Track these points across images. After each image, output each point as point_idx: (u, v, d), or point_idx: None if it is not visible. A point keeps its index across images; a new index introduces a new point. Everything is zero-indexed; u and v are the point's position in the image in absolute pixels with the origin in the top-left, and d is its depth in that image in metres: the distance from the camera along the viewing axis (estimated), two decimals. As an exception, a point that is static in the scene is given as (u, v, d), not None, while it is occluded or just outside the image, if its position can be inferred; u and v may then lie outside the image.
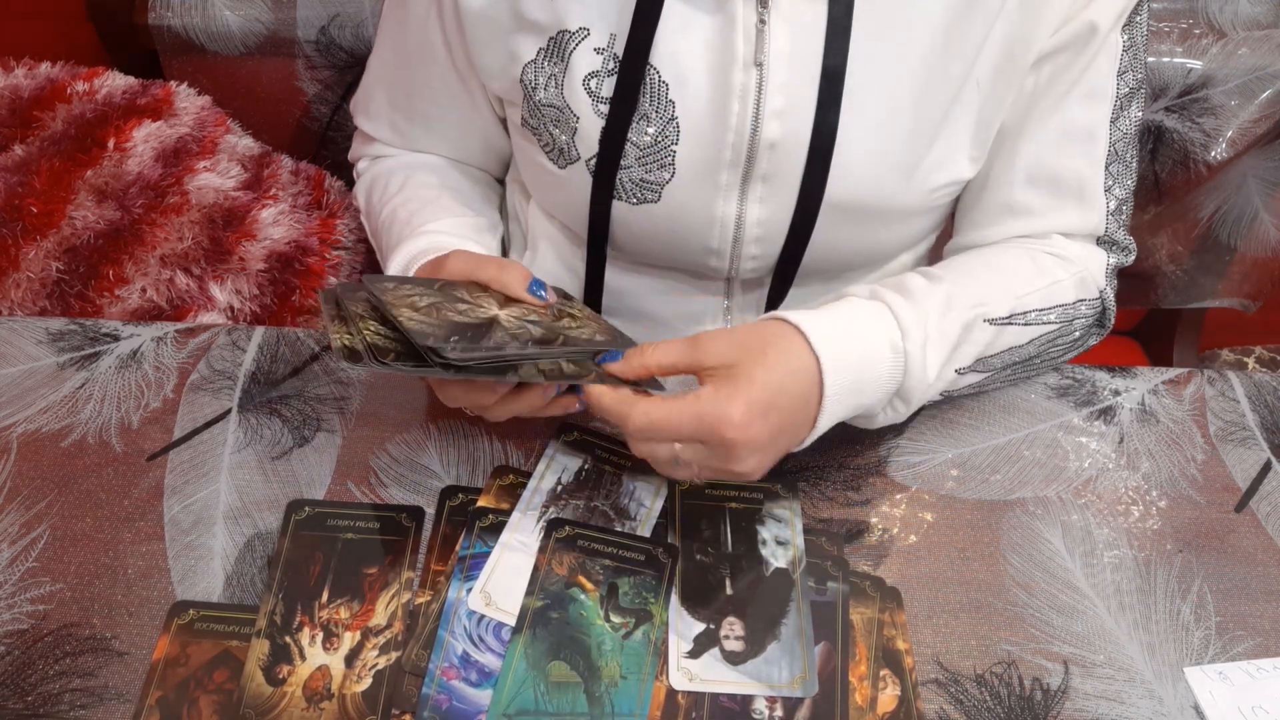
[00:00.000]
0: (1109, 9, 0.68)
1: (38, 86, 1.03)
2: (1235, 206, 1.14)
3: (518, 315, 0.63)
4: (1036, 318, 0.71)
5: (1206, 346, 1.32)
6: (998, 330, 0.69)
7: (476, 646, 0.59)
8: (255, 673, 0.58)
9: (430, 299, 0.61)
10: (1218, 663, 0.61)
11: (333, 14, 1.07)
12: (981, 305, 0.68)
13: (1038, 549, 0.67)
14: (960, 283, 0.69)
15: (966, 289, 0.69)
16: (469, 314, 0.61)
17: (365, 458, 0.70)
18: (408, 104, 0.83)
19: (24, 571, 0.62)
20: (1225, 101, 1.05)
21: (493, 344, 0.58)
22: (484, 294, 0.64)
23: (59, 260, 0.95)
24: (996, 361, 0.70)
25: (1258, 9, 1.05)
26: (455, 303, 0.61)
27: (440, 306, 0.60)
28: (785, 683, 0.58)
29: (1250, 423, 0.76)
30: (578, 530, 0.64)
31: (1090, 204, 0.74)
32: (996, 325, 0.68)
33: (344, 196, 1.11)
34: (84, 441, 0.70)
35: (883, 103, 0.68)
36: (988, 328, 0.68)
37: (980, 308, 0.68)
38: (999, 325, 0.69)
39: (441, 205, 0.80)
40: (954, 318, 0.66)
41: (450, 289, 0.63)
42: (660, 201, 0.72)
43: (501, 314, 0.62)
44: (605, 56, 0.68)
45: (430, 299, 0.61)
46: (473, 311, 0.61)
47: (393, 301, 0.59)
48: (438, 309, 0.60)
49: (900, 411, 0.67)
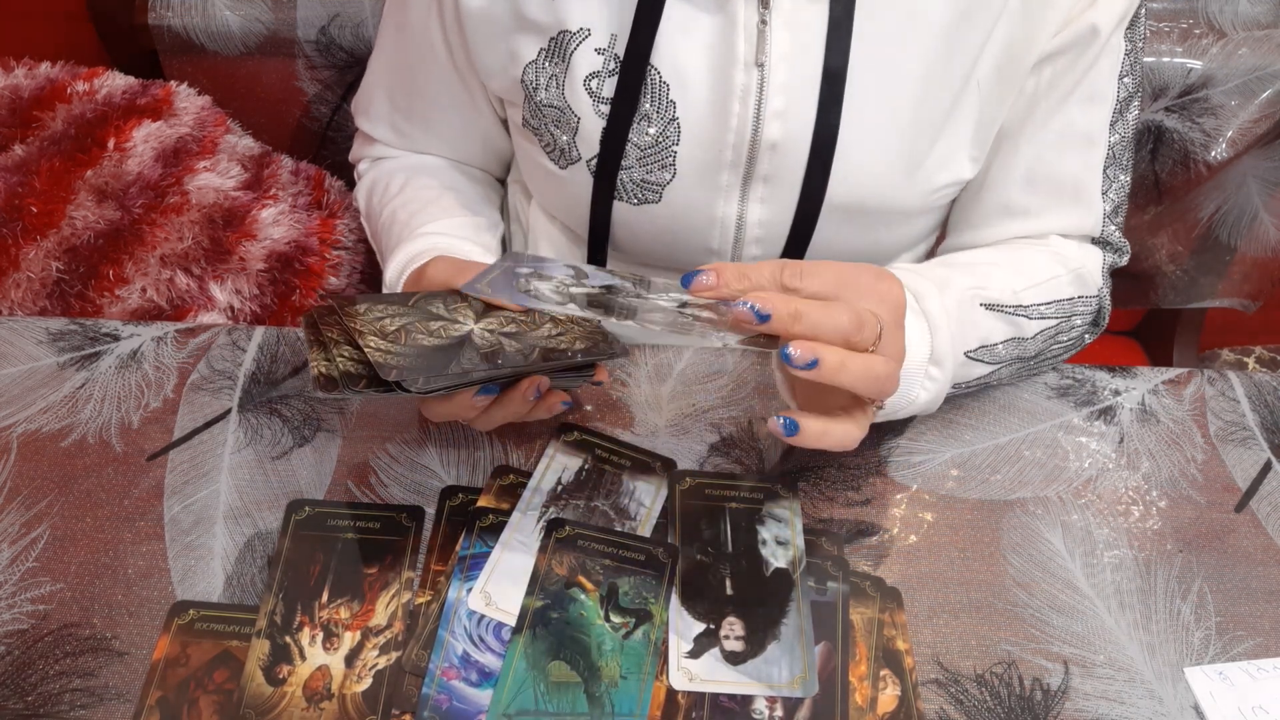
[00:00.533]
0: (1111, 12, 0.68)
1: (38, 86, 1.03)
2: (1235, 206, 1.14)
3: (494, 328, 0.61)
4: (1035, 311, 0.71)
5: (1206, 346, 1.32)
6: (997, 316, 0.68)
7: (476, 646, 0.59)
8: (255, 673, 0.58)
9: (401, 320, 0.60)
10: (1218, 663, 0.61)
11: (333, 14, 1.07)
12: (980, 288, 0.68)
13: (1038, 549, 0.67)
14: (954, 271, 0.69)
15: (962, 275, 0.68)
16: (441, 333, 0.60)
17: (365, 458, 0.70)
18: (408, 105, 0.83)
19: (24, 571, 0.62)
20: (1225, 101, 1.05)
21: (460, 369, 0.57)
22: (463, 304, 0.63)
23: (59, 260, 0.95)
24: (1003, 352, 0.69)
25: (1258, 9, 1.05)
26: (429, 320, 0.60)
27: (410, 329, 0.59)
28: (785, 683, 0.58)
29: (1250, 423, 0.76)
30: (578, 530, 0.64)
31: (1087, 206, 0.74)
32: (995, 311, 0.68)
33: (344, 196, 1.11)
34: (84, 441, 0.70)
35: (884, 103, 0.68)
36: (986, 312, 0.68)
37: (979, 290, 0.68)
38: (997, 311, 0.68)
39: (441, 206, 0.80)
40: (952, 295, 0.66)
41: (427, 303, 0.62)
42: (661, 202, 0.72)
43: (476, 328, 0.61)
44: (606, 57, 0.68)
45: (401, 320, 0.60)
46: (445, 330, 0.60)
47: (360, 329, 0.59)
48: (407, 332, 0.59)
49: (937, 379, 0.64)
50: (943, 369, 0.64)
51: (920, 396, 0.65)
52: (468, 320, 0.62)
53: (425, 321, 0.61)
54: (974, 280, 0.68)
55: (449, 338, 0.60)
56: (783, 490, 0.68)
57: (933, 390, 0.65)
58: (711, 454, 0.71)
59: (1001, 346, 0.69)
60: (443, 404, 0.61)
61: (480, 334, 0.61)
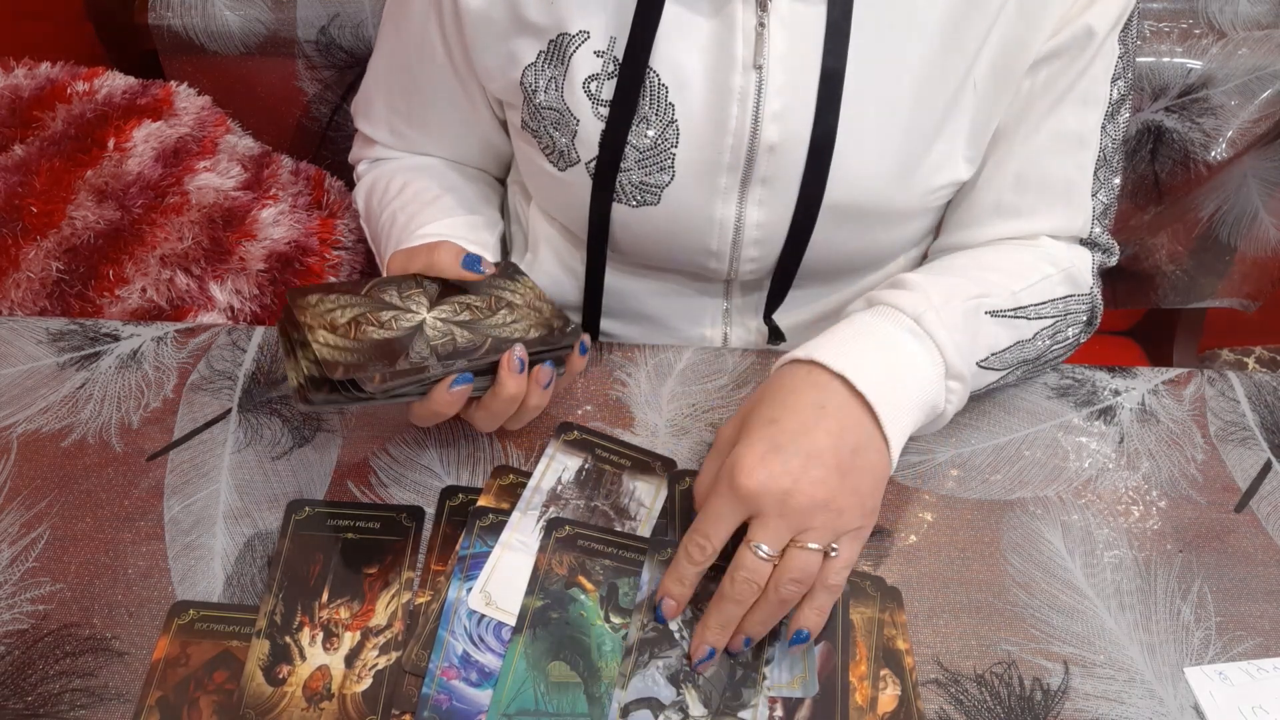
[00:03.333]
0: (1106, 14, 0.68)
1: (38, 86, 1.03)
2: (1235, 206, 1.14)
3: (445, 316, 0.61)
4: (1033, 312, 0.71)
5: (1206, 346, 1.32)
6: (1001, 323, 0.69)
7: (476, 646, 0.59)
8: (255, 673, 0.58)
9: (353, 311, 0.59)
10: (1218, 663, 0.61)
11: (333, 14, 1.07)
12: (983, 296, 0.68)
13: (1038, 549, 0.67)
14: (955, 279, 0.69)
15: (962, 283, 0.69)
16: (392, 324, 0.59)
17: (365, 458, 0.70)
18: (406, 106, 0.83)
19: (24, 571, 0.62)
20: (1225, 101, 1.05)
21: (409, 365, 0.57)
22: (417, 290, 0.62)
23: (59, 260, 0.95)
24: (1009, 357, 0.70)
25: (1258, 9, 1.05)
26: (380, 310, 0.60)
27: (361, 321, 0.58)
28: (785, 683, 0.58)
29: (1250, 423, 0.76)
30: (578, 530, 0.64)
31: (1077, 207, 0.74)
32: (999, 317, 0.68)
33: (344, 196, 1.11)
34: (84, 441, 0.70)
35: (882, 105, 0.68)
36: (990, 320, 0.68)
37: (981, 299, 0.68)
38: (1001, 318, 0.69)
39: (440, 207, 0.80)
40: (956, 306, 0.66)
41: (380, 290, 0.61)
42: (660, 204, 0.72)
43: (428, 317, 0.60)
44: (605, 59, 0.68)
45: (353, 311, 0.59)
46: (397, 320, 0.59)
47: (310, 322, 0.57)
48: (357, 325, 0.58)
49: (957, 391, 0.65)
50: (962, 381, 0.65)
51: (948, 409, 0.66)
52: (420, 309, 0.61)
53: (376, 312, 0.59)
54: (977, 289, 0.68)
55: (400, 329, 0.58)
56: (782, 490, 0.68)
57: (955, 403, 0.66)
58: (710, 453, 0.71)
59: (1008, 352, 0.69)
60: (422, 405, 0.60)
61: (432, 323, 0.60)
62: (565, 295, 0.85)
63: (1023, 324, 0.70)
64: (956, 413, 0.68)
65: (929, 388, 0.63)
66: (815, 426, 0.58)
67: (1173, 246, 1.19)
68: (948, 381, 0.64)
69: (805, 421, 0.58)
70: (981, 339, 0.67)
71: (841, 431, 0.58)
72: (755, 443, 0.57)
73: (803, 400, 0.59)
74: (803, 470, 0.56)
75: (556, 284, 0.84)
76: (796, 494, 0.55)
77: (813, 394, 0.59)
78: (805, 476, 0.56)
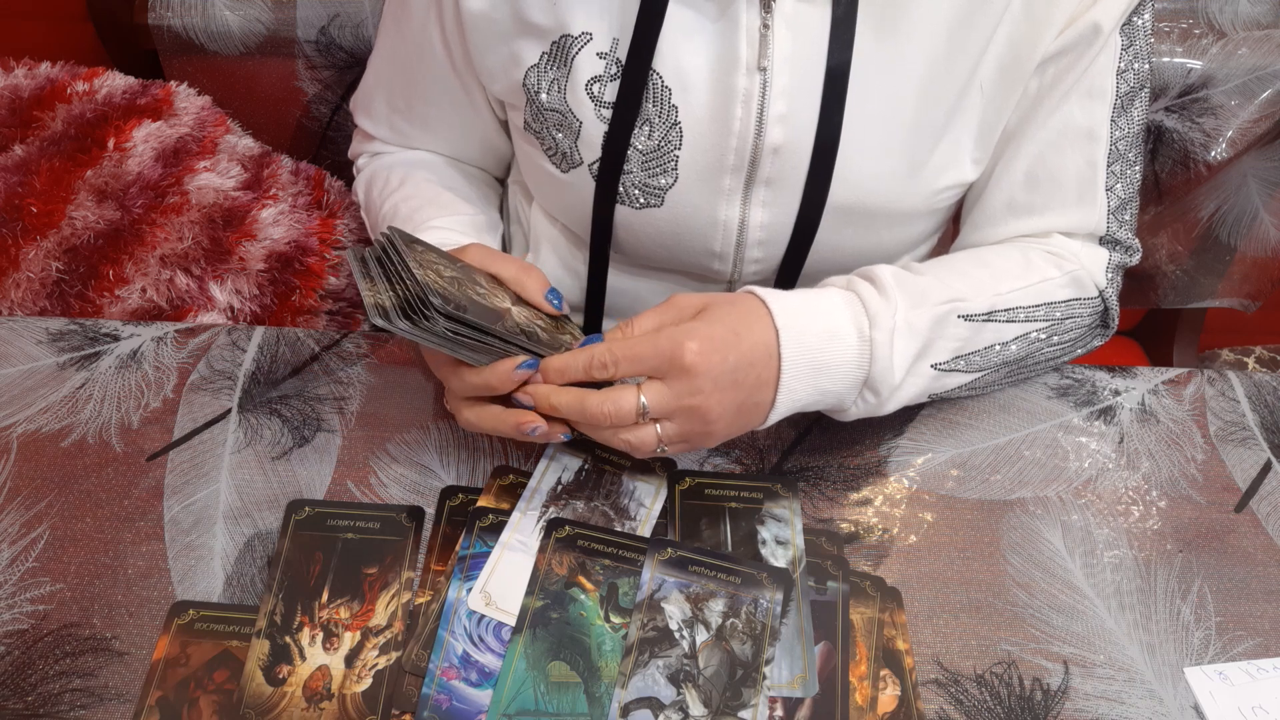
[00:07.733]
0: (1112, 9, 0.68)
1: (38, 86, 1.03)
2: (1235, 206, 1.14)
3: (528, 316, 0.64)
4: (1021, 314, 0.70)
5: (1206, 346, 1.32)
6: (975, 327, 0.68)
7: (476, 646, 0.59)
8: (255, 673, 0.58)
9: (453, 272, 0.62)
10: (1218, 663, 0.61)
11: (333, 14, 1.07)
12: (959, 300, 0.68)
13: (1038, 549, 0.67)
14: (941, 277, 0.69)
15: (945, 284, 0.68)
16: (485, 299, 0.62)
17: (365, 458, 0.70)
18: (406, 104, 0.83)
19: (24, 571, 0.62)
20: (1225, 101, 1.05)
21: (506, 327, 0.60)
22: (499, 288, 0.65)
23: (59, 260, 0.95)
24: (979, 360, 0.70)
25: (1258, 9, 1.05)
26: (474, 285, 0.63)
27: (461, 282, 0.61)
28: (785, 683, 0.58)
29: (1250, 423, 0.76)
30: (578, 530, 0.64)
31: (1091, 203, 0.74)
32: (974, 321, 0.68)
33: (344, 196, 1.11)
34: (84, 441, 0.70)
35: (886, 106, 0.68)
36: (963, 323, 0.68)
37: (956, 303, 0.67)
38: (976, 321, 0.68)
39: (442, 204, 0.80)
40: (925, 312, 0.66)
41: (470, 272, 0.64)
42: (663, 206, 0.72)
43: (514, 308, 0.63)
44: (608, 61, 0.68)
45: (453, 272, 0.62)
46: (488, 298, 0.62)
47: (420, 260, 0.60)
48: (459, 284, 0.61)
49: (872, 403, 0.66)
50: (879, 396, 0.66)
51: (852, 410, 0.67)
52: (506, 300, 0.64)
53: (473, 284, 0.63)
54: (952, 292, 0.68)
55: (492, 305, 0.62)
56: (782, 490, 0.68)
57: (864, 409, 0.67)
58: (711, 454, 0.71)
59: (980, 355, 0.69)
60: (476, 374, 0.61)
61: (517, 313, 0.63)
62: (567, 296, 0.84)
63: (1003, 327, 0.70)
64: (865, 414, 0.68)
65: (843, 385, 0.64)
66: (753, 365, 0.62)
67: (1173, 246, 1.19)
68: (864, 391, 0.66)
69: (752, 356, 0.62)
70: (946, 342, 0.67)
71: (759, 384, 0.62)
72: (715, 335, 0.60)
73: (757, 337, 0.62)
74: (722, 387, 0.60)
75: (558, 284, 0.84)
76: (702, 395, 0.60)
77: (764, 338, 0.62)
78: (718, 391, 0.60)
